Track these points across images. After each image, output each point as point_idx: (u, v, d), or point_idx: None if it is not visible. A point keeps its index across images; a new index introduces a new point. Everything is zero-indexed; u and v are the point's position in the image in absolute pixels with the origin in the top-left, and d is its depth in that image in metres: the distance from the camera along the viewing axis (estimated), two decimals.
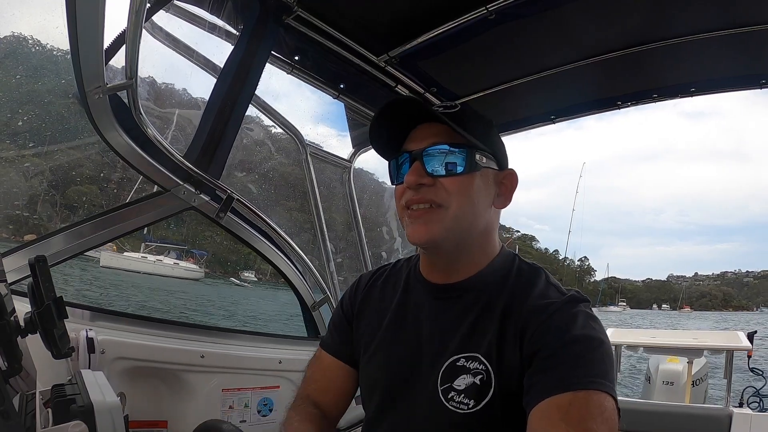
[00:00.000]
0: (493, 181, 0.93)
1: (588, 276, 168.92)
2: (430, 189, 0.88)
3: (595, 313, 0.85)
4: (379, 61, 2.02)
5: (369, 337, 1.03)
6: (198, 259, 36.81)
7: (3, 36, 3.78)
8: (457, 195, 0.88)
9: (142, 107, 1.49)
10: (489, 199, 0.93)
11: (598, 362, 0.76)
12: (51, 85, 5.22)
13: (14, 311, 0.98)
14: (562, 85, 2.18)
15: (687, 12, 1.73)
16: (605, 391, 0.73)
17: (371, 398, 1.01)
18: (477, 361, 0.85)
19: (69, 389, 1.00)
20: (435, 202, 0.88)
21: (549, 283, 0.91)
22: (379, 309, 1.05)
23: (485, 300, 0.90)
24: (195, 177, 1.68)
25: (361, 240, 2.61)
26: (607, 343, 0.80)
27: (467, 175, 0.89)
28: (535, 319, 0.82)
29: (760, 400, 3.91)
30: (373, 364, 1.01)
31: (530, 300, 0.86)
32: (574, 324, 0.80)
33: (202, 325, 1.86)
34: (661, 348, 4.55)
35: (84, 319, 1.49)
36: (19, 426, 0.82)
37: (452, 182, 0.88)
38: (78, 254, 1.52)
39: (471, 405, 0.83)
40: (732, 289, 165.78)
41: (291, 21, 1.75)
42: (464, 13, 1.71)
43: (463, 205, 0.88)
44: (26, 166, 14.46)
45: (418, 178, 0.88)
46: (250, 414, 1.83)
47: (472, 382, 0.84)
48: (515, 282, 0.91)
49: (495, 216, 0.96)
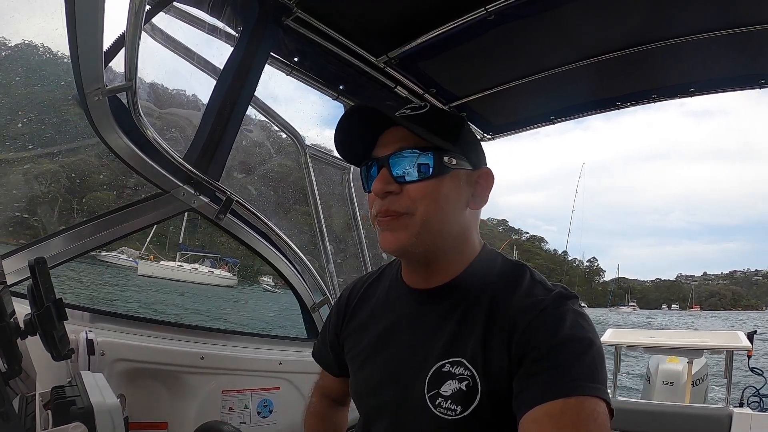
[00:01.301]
0: (465, 182, 0.90)
1: (597, 276, 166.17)
2: (397, 197, 0.86)
3: (608, 314, 0.82)
4: (379, 62, 2.02)
5: (355, 351, 1.02)
6: (231, 266, 37.58)
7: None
8: (423, 200, 0.85)
9: (141, 109, 1.49)
10: (462, 200, 0.90)
11: (589, 365, 0.75)
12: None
13: (14, 313, 0.98)
14: (562, 86, 2.18)
15: (687, 12, 1.73)
16: (597, 395, 0.72)
17: (361, 410, 1.02)
18: (462, 367, 0.83)
19: (69, 391, 1.00)
20: (399, 212, 0.86)
21: (534, 280, 0.88)
22: (362, 320, 1.04)
23: (467, 302, 0.88)
24: (194, 179, 1.68)
25: (360, 241, 2.61)
26: (597, 342, 0.78)
27: (435, 179, 0.86)
28: (522, 319, 0.80)
29: (760, 399, 3.91)
30: (361, 377, 1.00)
31: (515, 299, 0.83)
32: (563, 324, 0.78)
33: (202, 326, 1.86)
34: (661, 348, 4.55)
35: (84, 321, 1.49)
36: (19, 428, 0.82)
37: (419, 188, 0.85)
38: (78, 256, 1.52)
39: (458, 411, 0.82)
40: (741, 288, 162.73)
41: (290, 22, 1.75)
42: (464, 13, 1.71)
43: (430, 211, 0.85)
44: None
45: (384, 185, 0.86)
46: (250, 415, 1.83)
47: (458, 388, 0.82)
48: (498, 281, 0.89)
49: (472, 217, 0.93)
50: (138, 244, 33.68)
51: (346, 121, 0.90)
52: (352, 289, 1.11)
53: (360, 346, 1.01)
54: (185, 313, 15.69)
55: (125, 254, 35.99)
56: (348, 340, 1.06)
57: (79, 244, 1.52)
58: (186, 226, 32.10)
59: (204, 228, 33.30)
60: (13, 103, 3.31)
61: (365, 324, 1.02)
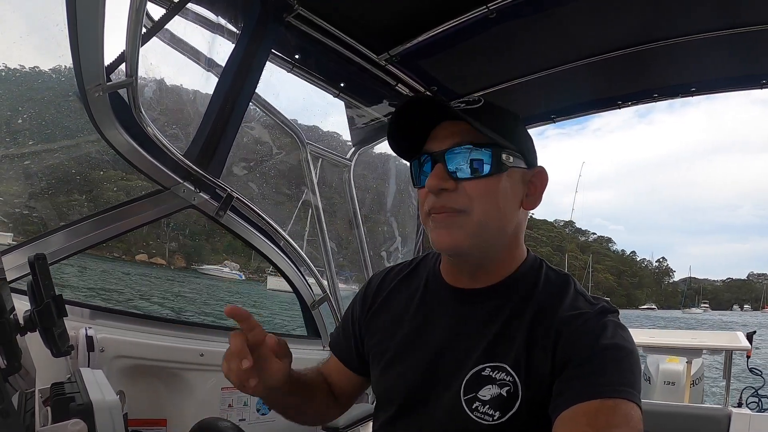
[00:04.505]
0: (521, 181, 0.87)
1: (667, 277, 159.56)
2: (452, 194, 0.82)
3: (683, 316, 0.82)
4: (380, 59, 2.02)
5: (384, 346, 0.98)
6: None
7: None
8: (481, 199, 0.82)
9: (142, 105, 1.49)
10: (517, 200, 0.87)
11: (627, 371, 0.76)
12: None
13: (14, 309, 0.98)
14: (563, 84, 2.18)
15: (688, 12, 1.73)
16: (632, 400, 0.73)
17: (386, 408, 0.97)
18: (504, 372, 0.82)
19: (68, 387, 1.00)
20: (456, 209, 0.83)
21: (578, 293, 0.87)
22: (394, 314, 0.99)
23: (512, 307, 0.86)
24: (195, 175, 1.68)
25: (361, 239, 2.61)
26: (635, 353, 0.79)
27: (493, 177, 0.82)
28: (566, 329, 0.80)
29: (759, 400, 3.92)
30: (391, 373, 0.96)
31: (561, 310, 0.83)
32: (604, 333, 0.79)
33: (201, 323, 1.86)
34: (661, 348, 4.55)
35: (83, 318, 1.49)
36: (18, 424, 0.82)
37: (476, 185, 0.82)
38: (77, 252, 1.52)
39: (496, 417, 0.80)
40: None
41: (292, 19, 1.75)
42: (465, 11, 1.71)
43: (488, 210, 0.82)
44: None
45: (439, 182, 0.82)
46: (249, 412, 1.83)
47: (498, 393, 0.81)
48: (544, 290, 0.88)
49: (524, 218, 0.91)
50: (242, 257, 33.83)
51: (401, 114, 0.88)
52: (383, 280, 1.06)
53: (392, 341, 0.97)
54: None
55: (228, 267, 35.87)
56: (374, 334, 1.01)
57: (79, 241, 1.52)
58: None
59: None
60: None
61: (398, 319, 0.98)
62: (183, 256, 44.75)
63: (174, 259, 44.57)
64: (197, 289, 24.00)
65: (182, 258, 44.77)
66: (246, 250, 34.68)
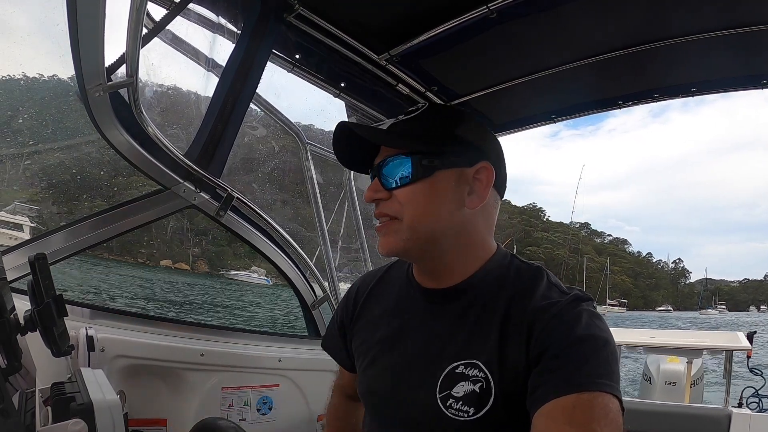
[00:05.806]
0: (457, 180, 0.89)
1: (683, 278, 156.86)
2: (387, 203, 0.89)
3: (699, 318, 0.81)
4: (380, 59, 2.02)
5: (365, 347, 1.02)
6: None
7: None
8: (409, 204, 0.87)
9: (142, 105, 1.49)
10: (455, 200, 0.89)
11: (603, 363, 0.76)
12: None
13: (14, 309, 0.98)
14: (564, 84, 2.17)
15: (689, 12, 1.72)
16: (610, 392, 0.73)
17: (368, 408, 1.02)
18: (476, 368, 0.83)
19: (68, 387, 1.00)
20: (390, 215, 0.89)
21: (551, 284, 0.88)
22: (374, 316, 1.03)
23: (482, 303, 0.88)
24: (195, 175, 1.68)
25: (361, 239, 2.61)
26: (611, 342, 0.80)
27: (419, 182, 0.87)
28: (539, 320, 0.81)
29: (759, 400, 3.91)
30: (369, 374, 0.99)
31: (533, 301, 0.84)
32: (578, 323, 0.79)
33: (202, 323, 1.86)
34: (661, 348, 4.55)
35: (84, 317, 1.49)
36: (19, 424, 0.82)
37: (404, 192, 0.88)
38: (78, 252, 1.52)
39: (471, 413, 0.82)
40: None
41: (292, 19, 1.75)
42: (465, 12, 1.70)
43: (417, 214, 0.87)
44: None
45: (372, 193, 0.91)
46: (249, 412, 1.83)
47: (471, 390, 0.82)
48: (515, 283, 0.89)
49: (475, 216, 0.91)
50: (265, 261, 33.92)
51: (339, 141, 0.95)
52: (358, 289, 1.11)
53: (370, 342, 1.01)
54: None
55: (256, 273, 35.74)
56: (356, 336, 1.06)
57: (79, 240, 1.52)
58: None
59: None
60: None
61: (375, 322, 1.02)
62: (206, 261, 45.10)
63: (197, 265, 44.96)
64: (247, 298, 23.55)
65: (205, 263, 45.14)
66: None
